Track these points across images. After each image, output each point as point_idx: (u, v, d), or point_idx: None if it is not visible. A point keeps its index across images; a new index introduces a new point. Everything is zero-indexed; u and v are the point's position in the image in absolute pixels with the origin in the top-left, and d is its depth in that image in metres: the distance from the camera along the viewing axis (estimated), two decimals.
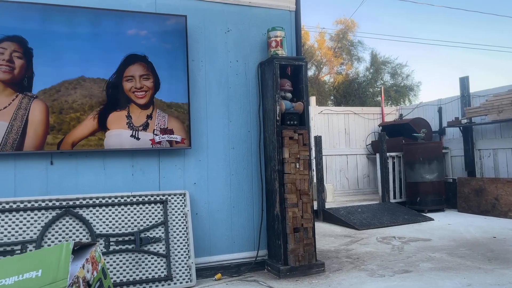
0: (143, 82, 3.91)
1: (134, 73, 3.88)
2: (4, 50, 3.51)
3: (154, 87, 3.95)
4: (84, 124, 3.73)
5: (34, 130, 3.57)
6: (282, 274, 3.96)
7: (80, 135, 3.71)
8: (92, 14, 3.80)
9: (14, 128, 3.51)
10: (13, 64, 3.53)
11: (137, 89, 3.89)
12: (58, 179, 3.73)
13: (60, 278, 1.78)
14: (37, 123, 3.59)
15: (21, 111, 3.53)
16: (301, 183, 4.13)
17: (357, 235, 6.02)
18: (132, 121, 3.86)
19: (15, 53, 3.56)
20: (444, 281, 3.71)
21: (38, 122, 3.59)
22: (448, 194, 8.21)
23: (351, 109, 10.51)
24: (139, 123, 3.88)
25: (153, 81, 3.94)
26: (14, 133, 3.51)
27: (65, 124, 3.68)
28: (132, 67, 3.88)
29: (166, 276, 3.74)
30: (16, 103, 3.53)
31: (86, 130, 3.73)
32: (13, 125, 3.51)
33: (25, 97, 3.56)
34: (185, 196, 4.02)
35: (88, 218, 3.67)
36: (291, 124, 4.19)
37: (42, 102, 3.60)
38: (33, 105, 3.58)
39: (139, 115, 3.89)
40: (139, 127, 3.87)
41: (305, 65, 4.33)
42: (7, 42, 3.54)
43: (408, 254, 4.74)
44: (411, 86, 17.39)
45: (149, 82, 3.93)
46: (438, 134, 9.19)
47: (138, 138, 3.87)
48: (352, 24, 17.53)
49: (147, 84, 3.92)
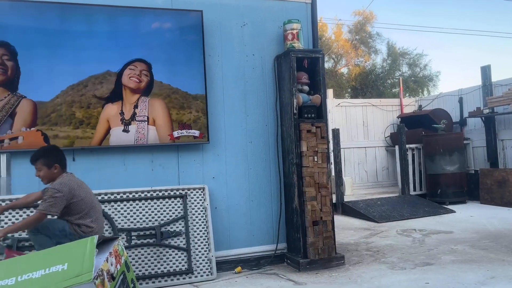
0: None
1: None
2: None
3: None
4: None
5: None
6: (302, 267, 3.97)
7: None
8: (110, 12, 3.85)
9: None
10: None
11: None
12: (80, 175, 3.80)
13: (85, 271, 1.83)
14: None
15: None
16: (319, 176, 4.12)
17: (377, 228, 5.97)
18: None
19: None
20: (466, 273, 3.65)
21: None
22: (470, 186, 8.06)
23: (369, 101, 10.38)
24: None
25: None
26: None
27: (93, 119, 3.76)
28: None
29: (187, 269, 3.79)
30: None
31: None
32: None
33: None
34: (204, 190, 4.06)
35: (110, 213, 3.75)
36: (309, 117, 4.17)
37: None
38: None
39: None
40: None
41: (322, 57, 4.29)
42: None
43: (429, 247, 4.69)
44: (430, 76, 17.07)
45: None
46: (459, 124, 9.00)
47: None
48: (370, 16, 17.28)
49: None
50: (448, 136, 8.03)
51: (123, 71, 3.86)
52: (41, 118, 3.64)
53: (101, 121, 3.79)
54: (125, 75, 3.87)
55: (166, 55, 3.99)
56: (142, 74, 3.91)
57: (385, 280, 3.59)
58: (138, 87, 3.89)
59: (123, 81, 3.86)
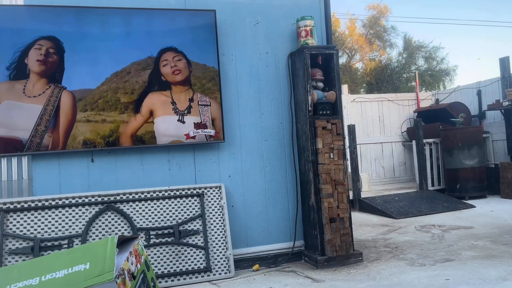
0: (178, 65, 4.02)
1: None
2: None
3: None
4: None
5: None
6: (320, 264, 3.96)
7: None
8: (124, 14, 3.90)
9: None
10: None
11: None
12: (98, 176, 3.87)
13: (107, 270, 1.86)
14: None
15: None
16: (335, 173, 4.10)
17: (395, 224, 5.92)
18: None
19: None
20: (487, 269, 3.60)
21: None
22: (490, 180, 7.91)
23: (384, 96, 10.28)
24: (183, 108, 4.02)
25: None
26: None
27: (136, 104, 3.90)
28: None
29: (205, 267, 3.82)
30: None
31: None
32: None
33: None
34: (221, 189, 4.08)
35: (129, 212, 3.80)
36: (324, 114, 4.15)
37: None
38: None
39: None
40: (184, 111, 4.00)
41: (336, 53, 4.27)
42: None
43: (449, 243, 4.63)
44: (447, 70, 16.79)
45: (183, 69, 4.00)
46: (477, 118, 8.84)
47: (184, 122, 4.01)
48: (384, 10, 17.08)
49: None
50: (467, 130, 7.90)
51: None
52: (90, 104, 3.75)
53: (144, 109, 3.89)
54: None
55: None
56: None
57: (404, 276, 3.56)
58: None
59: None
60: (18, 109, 3.46)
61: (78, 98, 3.72)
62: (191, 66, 4.03)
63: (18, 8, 3.69)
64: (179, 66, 4.00)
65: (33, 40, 3.62)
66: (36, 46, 3.63)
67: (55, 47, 3.69)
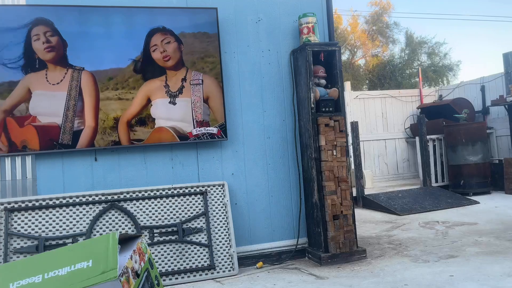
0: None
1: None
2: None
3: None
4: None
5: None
6: (323, 262, 3.96)
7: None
8: (126, 12, 3.91)
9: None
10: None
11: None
12: (102, 175, 3.88)
13: (110, 268, 1.86)
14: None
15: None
16: (339, 170, 4.10)
17: (398, 221, 5.91)
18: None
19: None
20: (492, 265, 3.59)
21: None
22: (494, 176, 7.87)
23: (387, 92, 10.24)
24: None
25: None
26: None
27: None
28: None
29: (209, 265, 3.83)
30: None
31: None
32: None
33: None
34: (224, 187, 4.09)
35: (132, 211, 3.81)
36: (326, 111, 4.14)
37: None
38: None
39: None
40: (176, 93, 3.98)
41: (339, 50, 4.25)
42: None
43: (453, 239, 4.61)
44: (450, 65, 16.71)
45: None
46: (481, 114, 8.80)
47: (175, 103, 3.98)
48: (387, 5, 17.00)
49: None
50: (471, 126, 7.86)
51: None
52: (120, 83, 3.77)
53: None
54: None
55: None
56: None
57: (408, 273, 3.55)
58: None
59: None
60: (47, 98, 3.50)
61: (109, 77, 3.71)
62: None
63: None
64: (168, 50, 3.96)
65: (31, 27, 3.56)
66: (35, 35, 3.56)
67: (51, 30, 3.62)
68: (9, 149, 3.43)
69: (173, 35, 3.97)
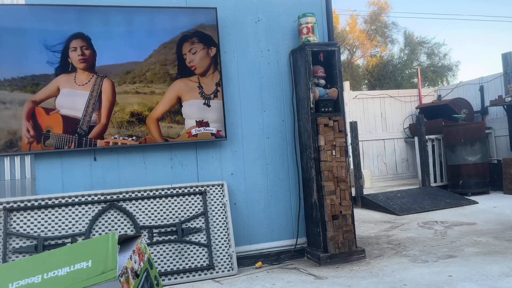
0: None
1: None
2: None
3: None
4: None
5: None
6: (322, 262, 3.97)
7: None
8: (126, 12, 3.91)
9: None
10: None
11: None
12: (101, 175, 3.88)
13: (110, 269, 1.86)
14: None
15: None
16: (338, 170, 4.10)
17: (397, 221, 5.91)
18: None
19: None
20: (491, 265, 3.59)
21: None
22: (493, 176, 7.89)
23: (386, 92, 10.25)
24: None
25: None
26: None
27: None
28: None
29: (208, 265, 3.83)
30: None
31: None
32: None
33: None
34: (223, 187, 4.09)
35: (132, 211, 3.81)
36: (326, 111, 4.14)
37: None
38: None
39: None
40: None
41: (338, 50, 4.26)
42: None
43: (451, 239, 4.62)
44: (449, 66, 16.73)
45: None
46: (480, 114, 8.82)
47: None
48: (385, 5, 17.02)
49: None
50: (469, 126, 7.88)
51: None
52: (138, 76, 3.91)
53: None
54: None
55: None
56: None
57: (407, 273, 3.56)
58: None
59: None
60: (73, 95, 3.85)
61: (126, 71, 3.92)
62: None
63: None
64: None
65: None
66: (73, 47, 3.85)
67: (87, 44, 3.88)
68: (35, 133, 3.71)
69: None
